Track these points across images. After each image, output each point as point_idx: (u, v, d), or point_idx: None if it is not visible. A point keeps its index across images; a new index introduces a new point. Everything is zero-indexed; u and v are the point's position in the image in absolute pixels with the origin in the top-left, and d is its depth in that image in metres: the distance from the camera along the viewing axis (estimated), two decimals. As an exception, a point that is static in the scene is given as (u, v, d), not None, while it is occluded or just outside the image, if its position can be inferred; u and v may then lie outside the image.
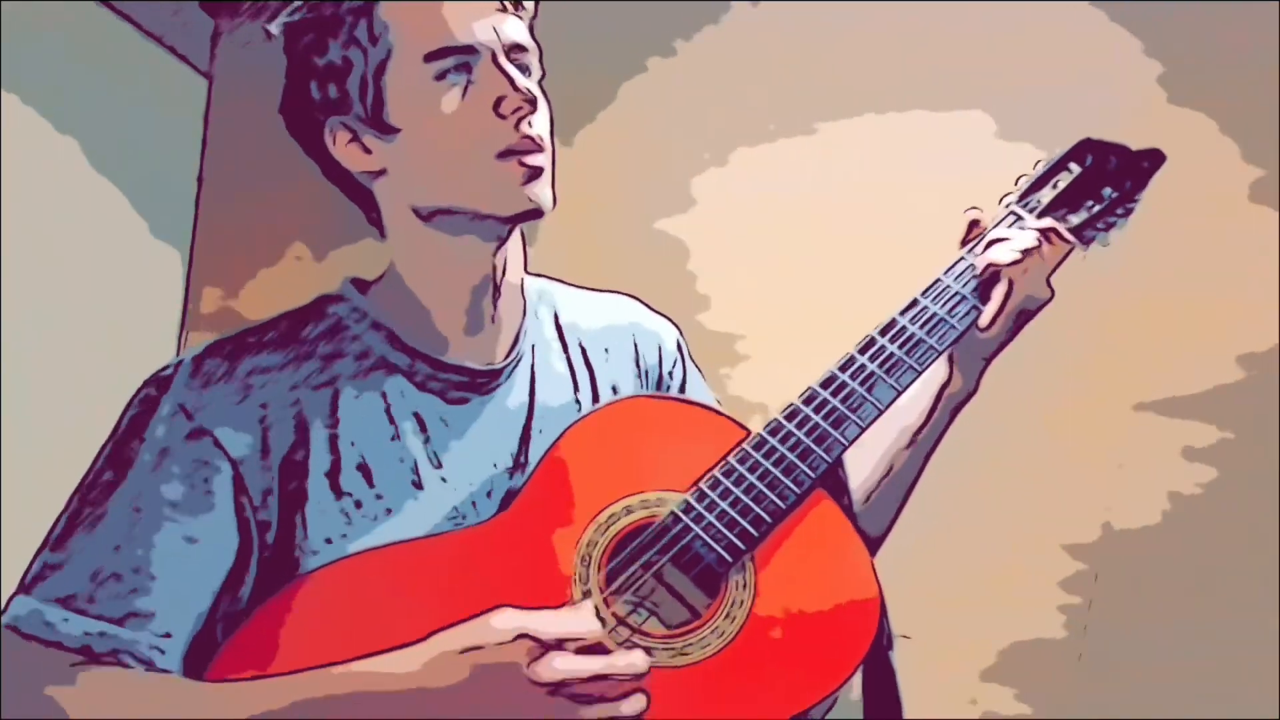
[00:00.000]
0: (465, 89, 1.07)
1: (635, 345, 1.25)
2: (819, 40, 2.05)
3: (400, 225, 1.13)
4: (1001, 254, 1.14)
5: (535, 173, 1.08)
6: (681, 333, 1.31)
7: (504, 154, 1.07)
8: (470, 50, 1.07)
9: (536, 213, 1.09)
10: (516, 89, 1.07)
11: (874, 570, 1.05)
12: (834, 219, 1.97)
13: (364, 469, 1.07)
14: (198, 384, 1.06)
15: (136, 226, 2.34)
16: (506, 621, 0.95)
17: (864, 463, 1.21)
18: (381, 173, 1.11)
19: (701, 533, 1.05)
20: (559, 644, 0.94)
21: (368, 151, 1.10)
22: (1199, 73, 1.82)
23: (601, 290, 1.29)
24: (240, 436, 1.04)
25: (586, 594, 1.03)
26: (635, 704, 0.95)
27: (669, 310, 1.32)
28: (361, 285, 1.16)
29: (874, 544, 1.17)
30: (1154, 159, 1.22)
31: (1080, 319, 1.20)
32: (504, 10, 1.09)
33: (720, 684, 1.00)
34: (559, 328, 1.22)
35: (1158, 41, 1.85)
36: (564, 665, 0.93)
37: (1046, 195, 1.21)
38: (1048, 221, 1.17)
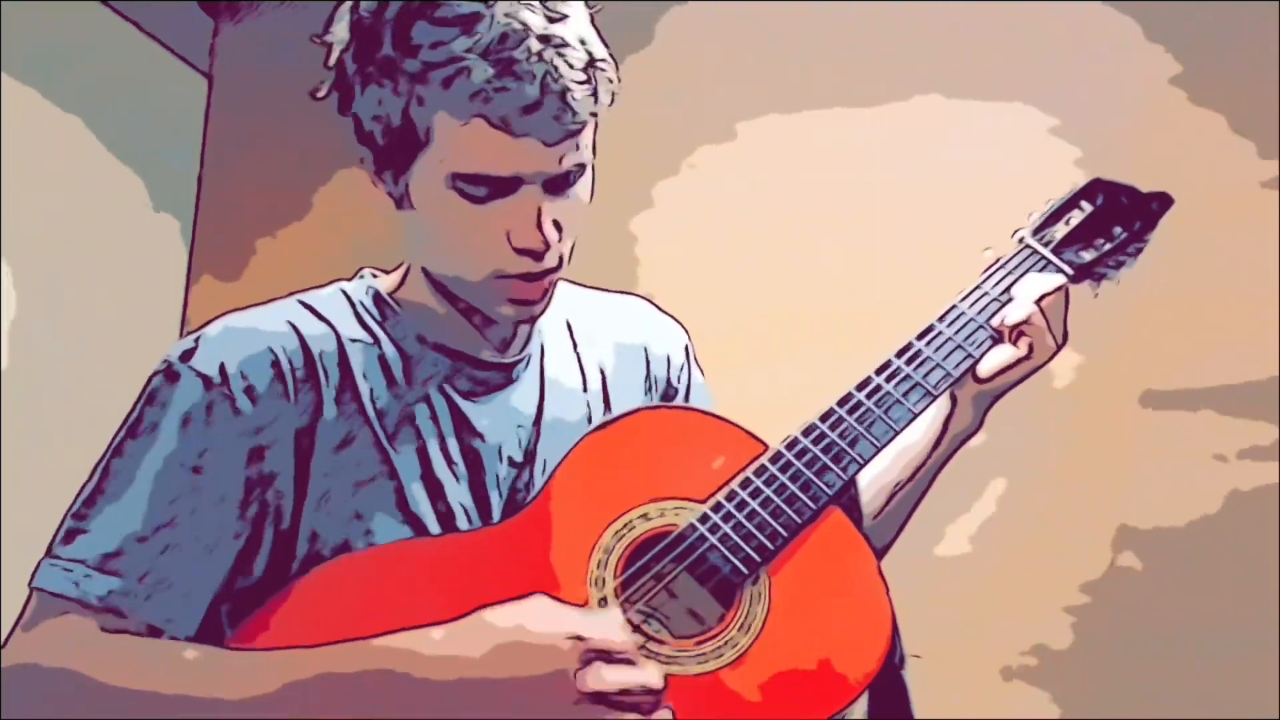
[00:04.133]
0: (488, 202, 1.04)
1: (646, 350, 1.26)
2: (793, 38, 2.06)
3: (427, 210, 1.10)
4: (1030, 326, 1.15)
5: (523, 304, 1.09)
6: (689, 335, 1.32)
7: (502, 277, 1.07)
8: (508, 183, 1.03)
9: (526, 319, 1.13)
10: (540, 227, 1.03)
11: (887, 588, 1.07)
12: (808, 224, 1.98)
13: (378, 450, 1.08)
14: (217, 354, 1.06)
15: (137, 225, 2.34)
16: (554, 622, 0.95)
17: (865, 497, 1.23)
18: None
19: (718, 544, 1.05)
20: (602, 652, 0.94)
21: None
22: (1210, 71, 1.83)
23: (611, 291, 1.30)
24: (258, 404, 1.05)
25: (603, 601, 1.04)
26: (664, 714, 0.96)
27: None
28: (376, 274, 1.19)
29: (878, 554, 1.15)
30: (1162, 201, 1.26)
31: (1088, 320, 1.22)
32: (570, 139, 1.03)
33: (732, 695, 1.00)
34: (569, 327, 1.23)
35: (1171, 40, 1.86)
36: (612, 677, 0.93)
37: (1059, 231, 1.24)
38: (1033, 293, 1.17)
